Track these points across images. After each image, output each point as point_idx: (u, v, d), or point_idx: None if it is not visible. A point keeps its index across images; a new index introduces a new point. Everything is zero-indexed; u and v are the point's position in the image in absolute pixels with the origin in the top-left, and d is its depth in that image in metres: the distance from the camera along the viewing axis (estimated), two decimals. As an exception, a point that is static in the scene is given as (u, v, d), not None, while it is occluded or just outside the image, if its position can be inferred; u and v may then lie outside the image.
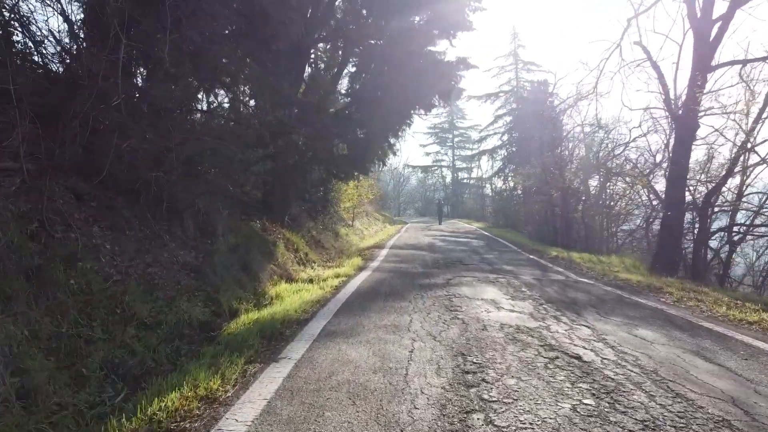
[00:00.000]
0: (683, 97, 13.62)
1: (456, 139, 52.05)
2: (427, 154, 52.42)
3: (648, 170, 16.70)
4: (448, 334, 3.88)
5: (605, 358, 3.42)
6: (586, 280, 7.89)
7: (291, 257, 8.46)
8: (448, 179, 53.27)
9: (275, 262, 7.62)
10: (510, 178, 31.76)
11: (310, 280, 7.55)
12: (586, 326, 4.43)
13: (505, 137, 31.30)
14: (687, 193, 16.23)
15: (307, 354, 3.29)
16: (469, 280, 7.24)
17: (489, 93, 30.02)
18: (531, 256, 11.65)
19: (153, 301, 4.09)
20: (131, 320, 3.58)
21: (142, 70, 5.88)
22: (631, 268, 9.49)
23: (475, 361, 3.21)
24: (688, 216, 17.03)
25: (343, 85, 12.07)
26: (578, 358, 3.40)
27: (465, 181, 51.68)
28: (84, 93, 4.20)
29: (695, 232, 11.05)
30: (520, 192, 30.33)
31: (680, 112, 10.24)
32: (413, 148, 67.20)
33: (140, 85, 5.16)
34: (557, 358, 3.37)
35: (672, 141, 15.76)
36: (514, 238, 17.81)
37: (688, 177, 16.33)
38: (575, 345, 3.74)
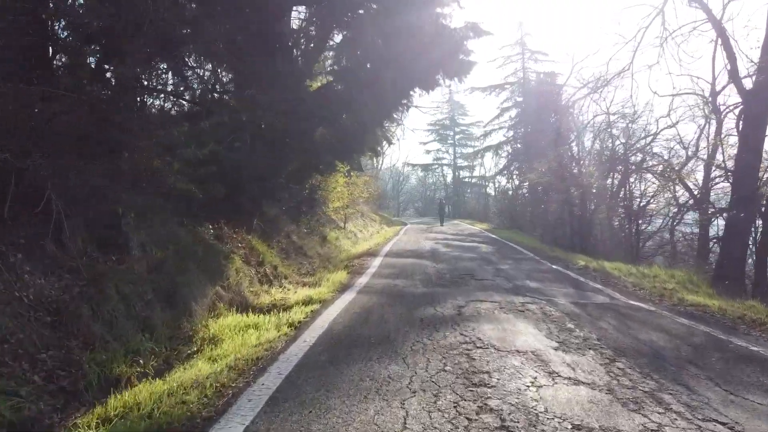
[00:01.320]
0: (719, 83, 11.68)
1: (457, 137, 50.06)
2: (428, 152, 50.46)
3: (680, 165, 14.73)
4: (482, 473, 1.88)
5: None
6: (644, 306, 5.89)
7: (251, 274, 6.45)
8: (449, 178, 51.32)
9: (224, 283, 5.62)
10: (515, 176, 29.80)
11: (272, 308, 5.56)
12: (725, 426, 2.42)
13: (510, 133, 29.32)
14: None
15: None
16: (488, 308, 5.23)
17: (494, 85, 28.02)
18: (554, 266, 9.64)
19: None
20: None
21: None
22: (687, 284, 7.51)
23: None
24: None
25: (328, 62, 10.09)
26: None
27: (467, 180, 49.69)
28: None
29: (757, 237, 9.07)
30: (525, 191, 28.37)
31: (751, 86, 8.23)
32: (413, 146, 65.08)
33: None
34: None
35: (712, 128, 13.80)
36: (526, 242, 15.80)
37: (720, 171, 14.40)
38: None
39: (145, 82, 5.57)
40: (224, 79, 7.76)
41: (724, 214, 11.26)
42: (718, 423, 2.45)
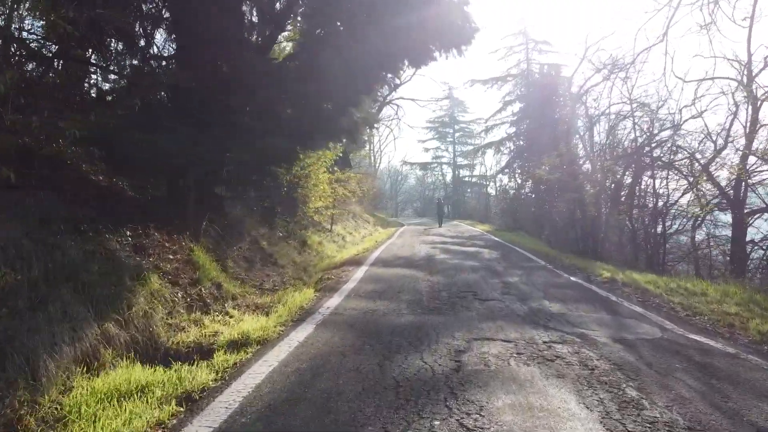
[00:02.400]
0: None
1: (457, 134, 48.53)
2: (426, 150, 48.91)
3: (707, 159, 13.07)
4: None
5: None
6: (714, 344, 4.23)
7: (176, 298, 4.78)
8: (449, 177, 49.76)
9: (123, 316, 3.94)
10: (517, 175, 28.13)
11: (193, 349, 3.94)
12: None
13: (513, 129, 27.57)
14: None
15: None
16: (500, 353, 3.57)
17: (495, 77, 26.32)
18: (573, 278, 7.98)
19: None
20: None
21: None
22: (750, 304, 5.86)
23: None
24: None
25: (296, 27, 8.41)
26: None
27: (467, 179, 48.10)
28: None
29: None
30: (528, 191, 26.76)
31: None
32: (412, 144, 63.06)
33: None
34: None
35: (748, 113, 12.14)
36: (533, 246, 14.14)
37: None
38: None
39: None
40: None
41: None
42: None
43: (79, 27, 4.71)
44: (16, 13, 4.97)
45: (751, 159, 11.55)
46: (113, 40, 5.75)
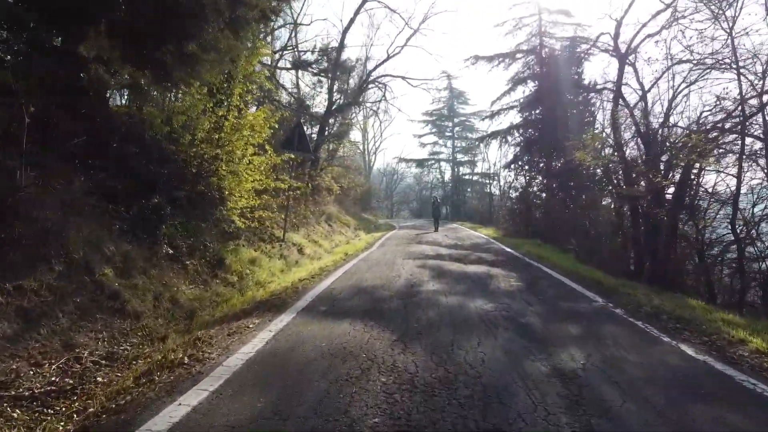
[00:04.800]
0: None
1: (457, 128, 44.50)
2: (423, 145, 44.93)
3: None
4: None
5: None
6: None
7: None
8: (448, 175, 45.77)
9: None
10: (525, 172, 24.03)
11: None
12: None
13: (519, 119, 23.40)
14: None
15: None
16: None
17: (502, 53, 22.16)
18: (693, 354, 3.95)
19: None
20: None
21: None
22: None
23: None
24: None
25: None
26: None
27: (467, 177, 44.06)
28: None
29: None
30: (536, 189, 22.81)
31: None
32: (407, 140, 58.45)
33: None
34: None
35: None
36: (567, 264, 10.07)
37: None
38: None
39: None
40: None
41: None
42: None
43: None
44: None
45: None
46: None
